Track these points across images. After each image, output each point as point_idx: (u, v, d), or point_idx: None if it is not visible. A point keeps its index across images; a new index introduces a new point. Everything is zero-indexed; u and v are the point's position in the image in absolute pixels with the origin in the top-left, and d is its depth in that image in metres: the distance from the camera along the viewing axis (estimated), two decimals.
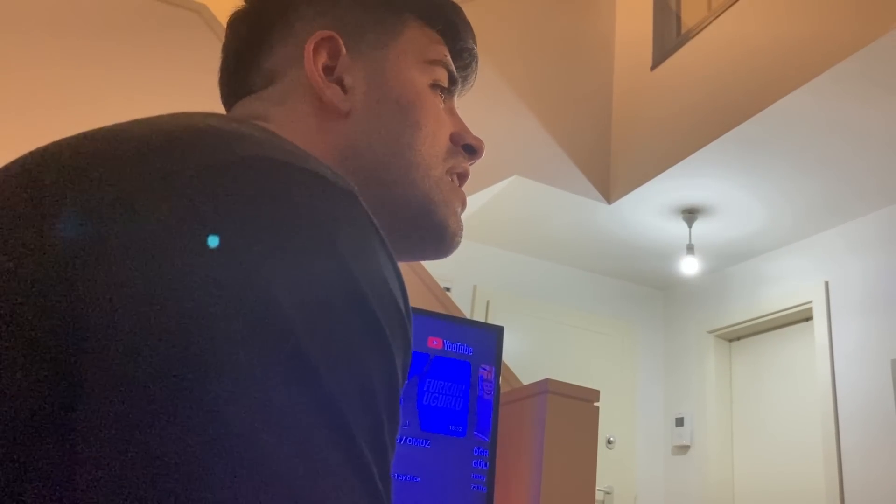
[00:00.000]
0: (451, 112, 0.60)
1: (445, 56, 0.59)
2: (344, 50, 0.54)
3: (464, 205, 0.58)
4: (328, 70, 0.54)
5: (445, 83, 0.58)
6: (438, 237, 0.56)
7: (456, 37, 0.61)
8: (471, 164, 0.59)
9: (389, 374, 0.36)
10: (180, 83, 2.64)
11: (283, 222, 0.35)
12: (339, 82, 0.53)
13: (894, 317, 3.38)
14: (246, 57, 0.57)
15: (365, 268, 0.36)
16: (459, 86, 0.61)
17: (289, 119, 0.53)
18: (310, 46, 0.53)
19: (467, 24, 0.62)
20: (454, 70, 0.59)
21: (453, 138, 0.58)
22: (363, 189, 0.51)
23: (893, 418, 3.25)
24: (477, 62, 0.64)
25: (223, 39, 0.59)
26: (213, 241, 0.33)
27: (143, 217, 0.33)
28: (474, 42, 0.63)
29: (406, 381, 0.39)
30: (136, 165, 0.36)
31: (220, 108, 0.57)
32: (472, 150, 0.59)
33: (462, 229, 0.57)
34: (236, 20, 0.58)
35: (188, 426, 0.29)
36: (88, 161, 0.37)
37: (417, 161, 0.54)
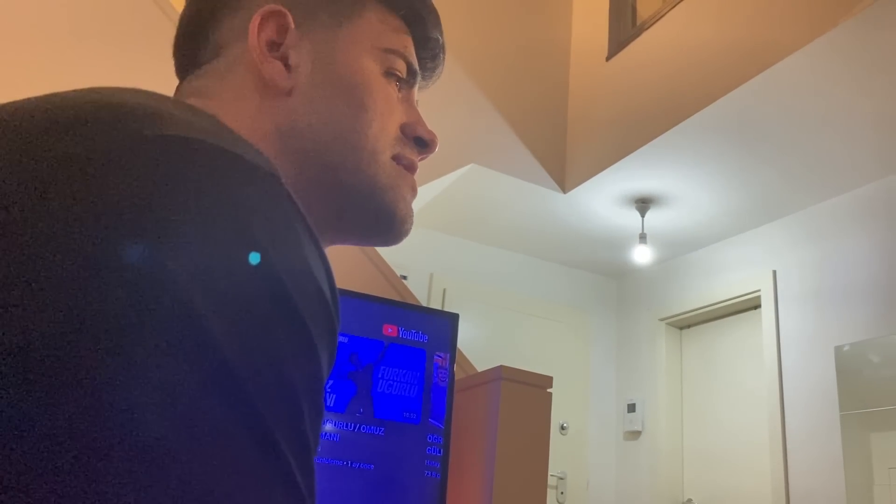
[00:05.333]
0: (407, 102, 0.57)
1: (405, 46, 0.56)
2: (292, 26, 0.52)
3: (413, 192, 0.56)
4: (274, 46, 0.52)
5: (403, 72, 0.56)
6: (387, 222, 0.54)
7: (420, 25, 0.58)
8: (421, 159, 0.57)
9: (310, 364, 0.35)
10: (121, 59, 2.57)
11: (195, 207, 0.33)
12: (284, 59, 0.51)
13: (839, 305, 3.49)
14: (197, 29, 0.55)
15: (284, 254, 0.35)
16: (420, 77, 0.59)
17: (229, 94, 0.51)
18: (256, 19, 0.51)
19: (433, 12, 0.60)
20: (413, 61, 0.57)
21: (404, 129, 0.55)
22: (304, 170, 0.50)
23: (836, 402, 3.36)
24: (444, 52, 0.61)
25: (163, 10, 0.57)
26: (120, 230, 0.31)
27: (47, 200, 0.31)
28: (440, 32, 0.60)
29: (333, 368, 0.38)
30: (43, 144, 0.33)
31: (156, 84, 0.55)
32: (423, 143, 0.56)
33: (412, 216, 0.55)
34: None
35: (93, 427, 0.28)
36: None
37: (361, 144, 0.52)
